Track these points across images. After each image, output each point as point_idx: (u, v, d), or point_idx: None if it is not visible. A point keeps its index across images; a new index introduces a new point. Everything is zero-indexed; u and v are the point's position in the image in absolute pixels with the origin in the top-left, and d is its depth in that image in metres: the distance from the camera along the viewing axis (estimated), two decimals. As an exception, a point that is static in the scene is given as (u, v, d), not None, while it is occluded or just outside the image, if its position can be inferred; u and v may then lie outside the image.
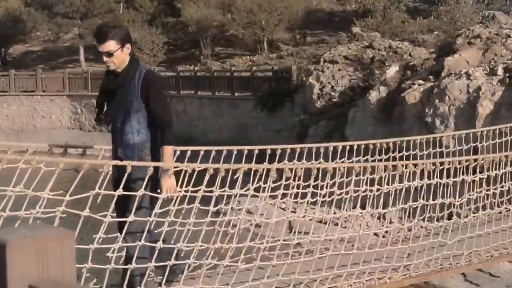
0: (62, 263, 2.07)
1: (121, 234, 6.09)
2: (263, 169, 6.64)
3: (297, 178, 7.09)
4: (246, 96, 31.77)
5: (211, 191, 6.37)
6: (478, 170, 8.63)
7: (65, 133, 36.69)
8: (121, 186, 5.75)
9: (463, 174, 8.34)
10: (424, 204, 8.14)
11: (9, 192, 5.47)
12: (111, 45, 6.34)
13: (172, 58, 44.37)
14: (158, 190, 6.09)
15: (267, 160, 7.72)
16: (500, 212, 9.40)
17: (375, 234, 9.01)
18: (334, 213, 7.88)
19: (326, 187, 7.48)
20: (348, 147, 8.95)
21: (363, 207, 7.75)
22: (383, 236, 8.65)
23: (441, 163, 8.06)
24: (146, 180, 5.85)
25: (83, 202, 5.74)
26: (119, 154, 6.39)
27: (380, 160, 8.77)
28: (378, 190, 7.65)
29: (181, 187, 6.28)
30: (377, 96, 19.75)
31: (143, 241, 6.00)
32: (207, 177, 6.18)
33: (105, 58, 6.40)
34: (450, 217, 8.73)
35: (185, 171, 6.27)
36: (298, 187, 7.32)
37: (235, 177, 6.34)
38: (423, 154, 9.79)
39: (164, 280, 6.37)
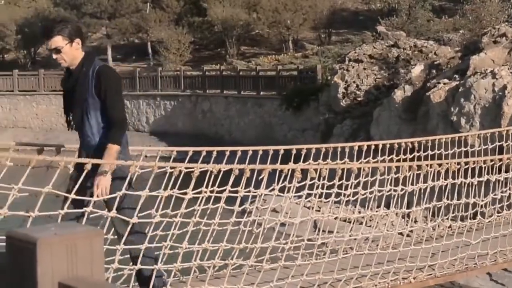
0: (91, 261, 2.10)
1: None
2: (288, 170, 6.68)
3: (321, 178, 7.12)
4: (271, 95, 31.79)
5: (237, 191, 6.40)
6: (503, 169, 8.62)
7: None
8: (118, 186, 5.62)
9: (488, 173, 8.34)
10: (449, 204, 8.15)
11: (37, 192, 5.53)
12: (58, 41, 6.02)
13: (198, 57, 44.48)
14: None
15: (292, 160, 7.76)
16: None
17: (400, 233, 9.03)
18: (359, 212, 7.91)
19: (351, 187, 7.50)
20: (373, 147, 8.97)
21: (387, 206, 7.78)
22: (408, 236, 8.66)
23: (466, 163, 8.06)
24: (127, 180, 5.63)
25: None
26: (83, 157, 6.08)
27: (405, 160, 8.78)
28: (402, 189, 7.67)
29: (206, 187, 6.32)
30: (402, 95, 19.70)
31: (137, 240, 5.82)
32: (232, 177, 6.22)
33: (54, 56, 6.09)
34: (474, 216, 8.73)
35: (210, 171, 6.30)
36: (322, 187, 7.36)
37: (260, 177, 6.38)
38: (448, 153, 9.77)
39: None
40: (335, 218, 7.89)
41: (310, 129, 26.83)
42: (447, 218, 8.54)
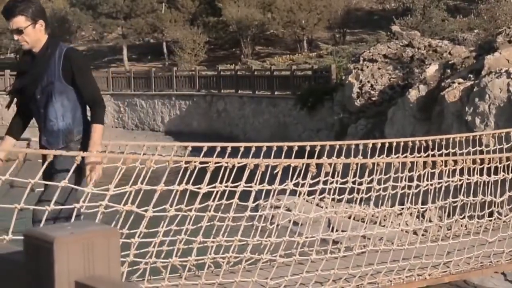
0: (107, 260, 2.10)
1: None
2: (303, 165, 6.69)
3: (336, 174, 7.13)
4: (286, 95, 31.81)
5: (251, 187, 6.42)
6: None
7: (108, 131, 36.97)
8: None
9: (503, 171, 8.31)
10: (464, 203, 8.14)
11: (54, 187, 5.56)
12: (20, 21, 5.75)
13: (213, 57, 44.57)
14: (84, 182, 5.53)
15: (306, 157, 7.76)
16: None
17: (415, 232, 9.02)
18: (373, 210, 7.90)
19: (365, 183, 7.50)
20: (387, 145, 8.95)
21: (401, 205, 7.77)
22: (423, 235, 8.65)
23: (481, 160, 8.05)
24: (72, 170, 5.24)
25: (124, 195, 5.84)
26: (42, 143, 5.90)
27: (419, 158, 8.76)
28: (417, 186, 7.66)
29: (220, 182, 6.34)
30: (416, 95, 19.68)
31: None
32: (246, 173, 6.24)
33: (15, 37, 5.83)
34: (490, 215, 8.70)
35: (225, 166, 6.32)
36: (336, 183, 7.36)
37: (275, 172, 6.40)
38: (462, 153, 9.74)
39: None
40: (349, 217, 7.89)
41: (325, 129, 26.84)
42: (463, 217, 8.52)
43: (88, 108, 5.97)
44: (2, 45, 48.68)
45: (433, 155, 9.30)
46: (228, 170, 6.28)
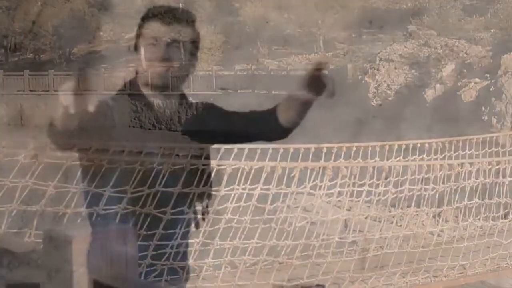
0: (125, 259, 2.12)
1: None
2: (319, 167, 6.71)
3: (352, 176, 7.14)
4: (302, 94, 31.78)
5: (268, 189, 6.44)
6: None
7: (125, 131, 37.19)
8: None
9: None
10: (480, 204, 8.13)
11: (72, 188, 5.62)
12: None
13: (229, 57, 44.56)
14: None
15: (323, 159, 7.77)
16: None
17: (430, 233, 9.03)
18: (389, 211, 7.92)
19: (382, 185, 7.52)
20: (403, 146, 8.96)
21: (418, 206, 7.78)
22: (439, 235, 8.66)
23: (498, 162, 8.05)
24: None
25: (142, 197, 5.88)
26: None
27: (436, 159, 8.76)
28: (433, 188, 7.67)
29: (238, 185, 6.36)
30: (433, 95, 19.68)
31: None
32: (264, 175, 6.26)
33: None
34: (506, 216, 8.70)
35: (242, 168, 6.35)
36: (353, 186, 7.38)
37: (292, 175, 6.42)
38: (479, 154, 9.73)
39: None
40: (366, 218, 7.92)
41: (341, 129, 26.82)
42: (478, 218, 8.52)
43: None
44: (22, 45, 48.85)
45: (450, 156, 9.30)
46: (245, 172, 6.30)
